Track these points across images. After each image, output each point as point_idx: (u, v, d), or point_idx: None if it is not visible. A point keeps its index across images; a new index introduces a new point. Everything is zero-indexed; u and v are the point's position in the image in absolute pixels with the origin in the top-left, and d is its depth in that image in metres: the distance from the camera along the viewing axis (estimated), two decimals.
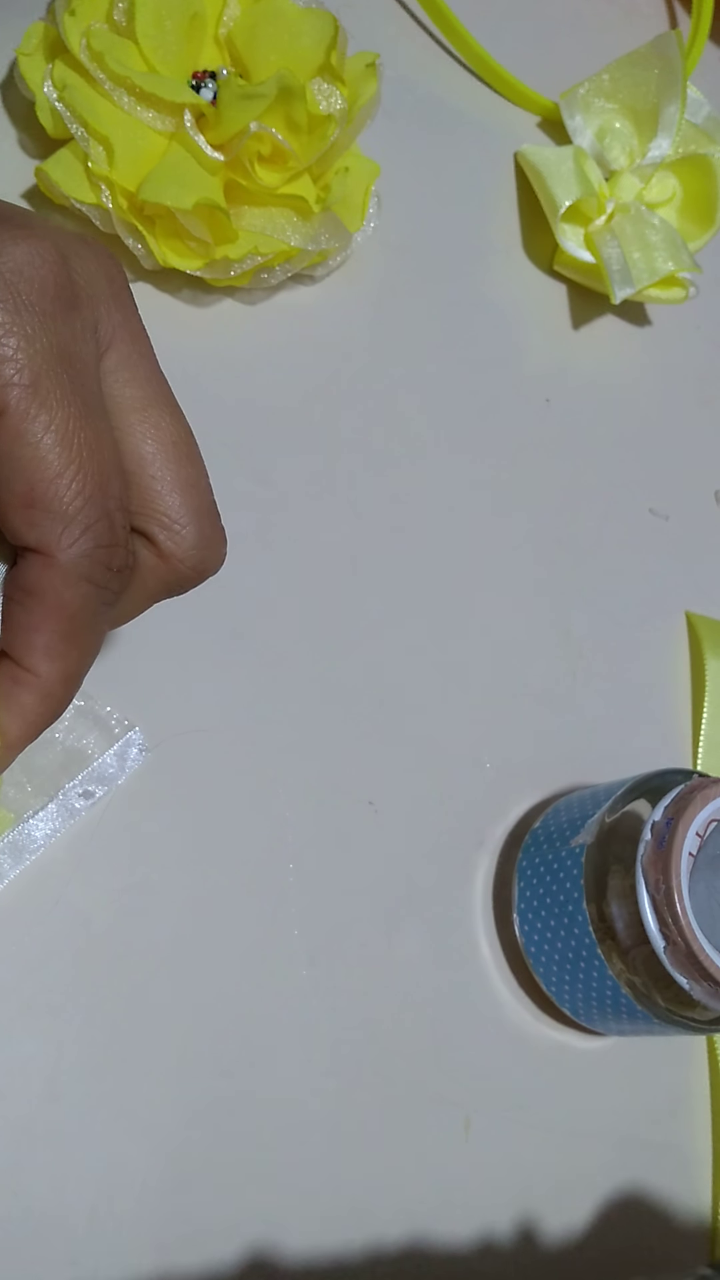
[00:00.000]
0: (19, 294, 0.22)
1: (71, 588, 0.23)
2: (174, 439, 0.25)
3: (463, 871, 0.40)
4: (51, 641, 0.23)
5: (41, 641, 0.23)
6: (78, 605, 0.23)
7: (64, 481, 0.22)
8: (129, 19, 0.38)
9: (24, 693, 0.23)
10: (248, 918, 0.36)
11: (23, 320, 0.22)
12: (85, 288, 0.24)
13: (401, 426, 0.44)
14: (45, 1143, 0.32)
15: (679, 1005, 0.35)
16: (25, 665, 0.23)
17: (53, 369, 0.22)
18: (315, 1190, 0.35)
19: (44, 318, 0.22)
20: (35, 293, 0.22)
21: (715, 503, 0.51)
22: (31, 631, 0.23)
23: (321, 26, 0.40)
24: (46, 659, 0.23)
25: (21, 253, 0.23)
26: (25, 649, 0.23)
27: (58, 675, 0.24)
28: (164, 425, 0.25)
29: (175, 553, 0.25)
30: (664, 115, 0.50)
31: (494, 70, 0.51)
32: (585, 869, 0.36)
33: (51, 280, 0.23)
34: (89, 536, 0.23)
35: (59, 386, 0.22)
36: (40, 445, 0.22)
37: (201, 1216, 0.33)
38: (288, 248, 0.40)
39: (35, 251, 0.23)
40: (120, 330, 0.25)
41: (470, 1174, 0.37)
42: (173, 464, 0.25)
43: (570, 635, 0.45)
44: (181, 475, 0.25)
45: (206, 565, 0.26)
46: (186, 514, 0.25)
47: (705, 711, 0.46)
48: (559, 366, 0.49)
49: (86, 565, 0.23)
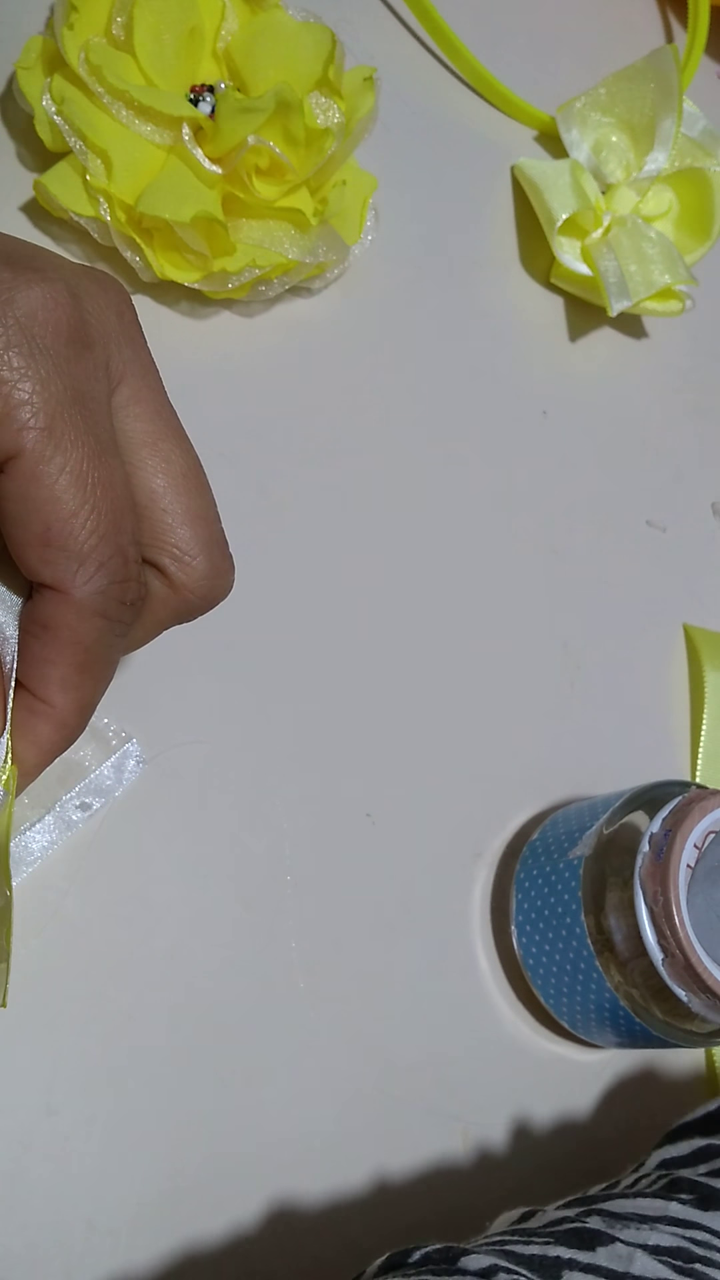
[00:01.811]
0: (34, 339, 0.23)
1: (86, 622, 0.24)
2: (184, 471, 0.26)
3: (460, 883, 0.40)
4: (67, 674, 0.24)
5: (57, 674, 0.24)
6: (92, 639, 0.24)
7: (78, 521, 0.23)
8: (127, 33, 0.38)
9: (40, 723, 0.24)
10: (245, 930, 0.36)
11: (38, 364, 0.23)
12: (97, 326, 0.24)
13: (399, 438, 0.44)
14: (42, 1156, 0.31)
15: (677, 1018, 0.35)
16: (41, 696, 0.24)
17: (67, 411, 0.23)
18: (313, 1203, 0.34)
19: (58, 360, 0.23)
20: (50, 336, 0.23)
21: (712, 515, 0.51)
22: (47, 664, 0.24)
23: (319, 41, 0.40)
24: (62, 690, 0.24)
25: (35, 297, 0.23)
26: (41, 681, 0.24)
27: (72, 706, 0.24)
28: (174, 459, 0.26)
29: (186, 583, 0.26)
30: (660, 129, 0.50)
31: (491, 84, 0.51)
32: (583, 881, 0.36)
33: (65, 323, 0.23)
34: (103, 574, 0.23)
35: (73, 428, 0.23)
36: (56, 486, 0.23)
37: (198, 1230, 0.33)
38: (285, 260, 0.40)
39: (48, 295, 0.23)
40: (130, 365, 0.25)
41: (468, 1186, 0.37)
42: (183, 497, 0.26)
43: (568, 647, 0.45)
44: (192, 508, 0.26)
45: (215, 594, 0.27)
46: (197, 545, 0.26)
47: (704, 723, 0.46)
48: (556, 379, 0.49)
49: (100, 601, 0.24)
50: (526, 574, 0.45)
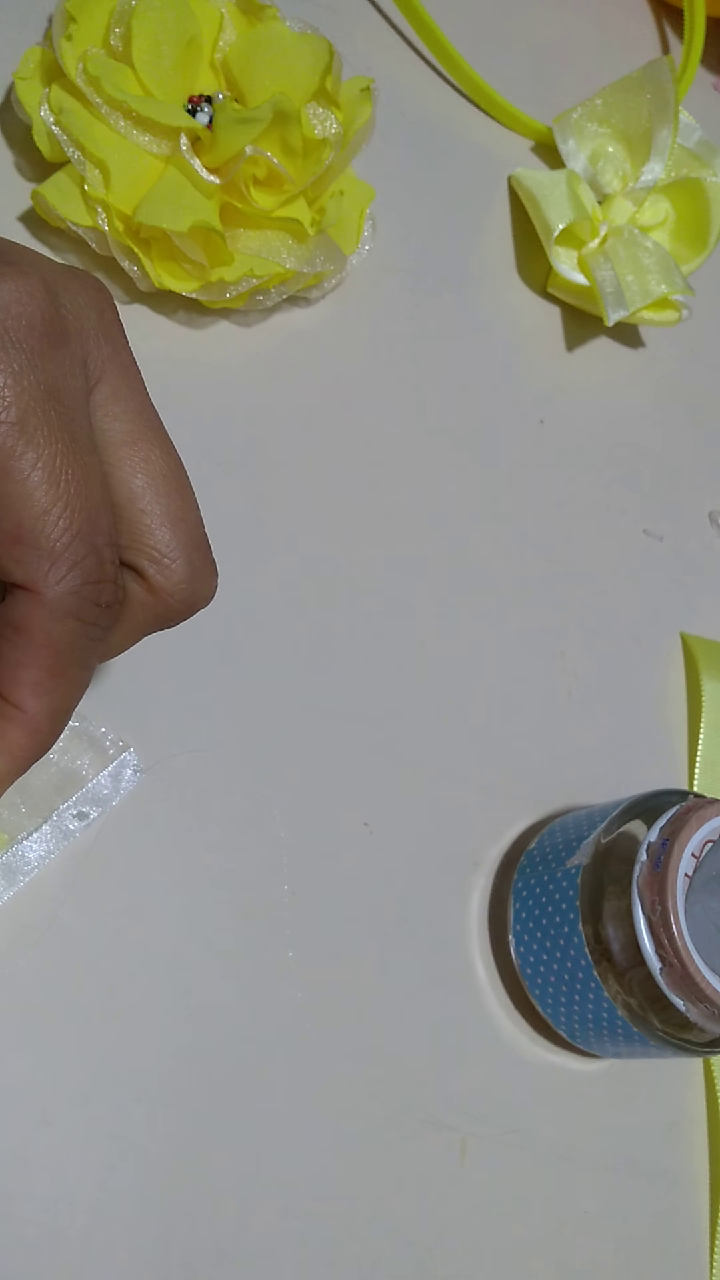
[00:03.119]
0: (5, 331, 0.22)
1: (59, 624, 0.23)
2: (164, 472, 0.25)
3: (458, 893, 0.40)
4: (39, 678, 0.23)
5: (29, 678, 0.23)
6: (65, 642, 0.23)
7: (51, 518, 0.22)
8: (125, 44, 0.38)
9: (11, 728, 0.23)
10: (242, 940, 0.36)
11: (9, 357, 0.22)
12: (74, 322, 0.24)
13: (396, 448, 0.44)
14: (39, 1166, 0.31)
15: (675, 1027, 0.35)
16: (12, 701, 0.23)
17: (39, 405, 0.22)
18: (310, 1213, 0.34)
19: (31, 354, 0.23)
20: (22, 330, 0.23)
21: (710, 524, 0.51)
22: (19, 668, 0.23)
23: (317, 51, 0.40)
24: (34, 695, 0.23)
25: (8, 290, 0.23)
26: (12, 685, 0.23)
27: (45, 711, 0.24)
28: (154, 459, 0.25)
29: (165, 587, 0.25)
30: (656, 139, 0.50)
31: (488, 95, 0.51)
32: (581, 890, 0.36)
33: (39, 316, 0.23)
34: (76, 573, 0.23)
35: (46, 423, 0.22)
36: (27, 482, 0.22)
37: (196, 1241, 0.33)
38: (283, 270, 0.40)
39: (22, 288, 0.23)
40: (110, 364, 0.25)
41: (466, 1197, 0.37)
42: (163, 498, 0.25)
43: (565, 656, 0.45)
44: (171, 509, 0.25)
45: (197, 599, 0.26)
46: (176, 548, 0.25)
47: (701, 732, 0.46)
48: (553, 388, 0.50)
49: (73, 602, 0.23)
50: (524, 583, 0.45)
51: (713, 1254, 0.40)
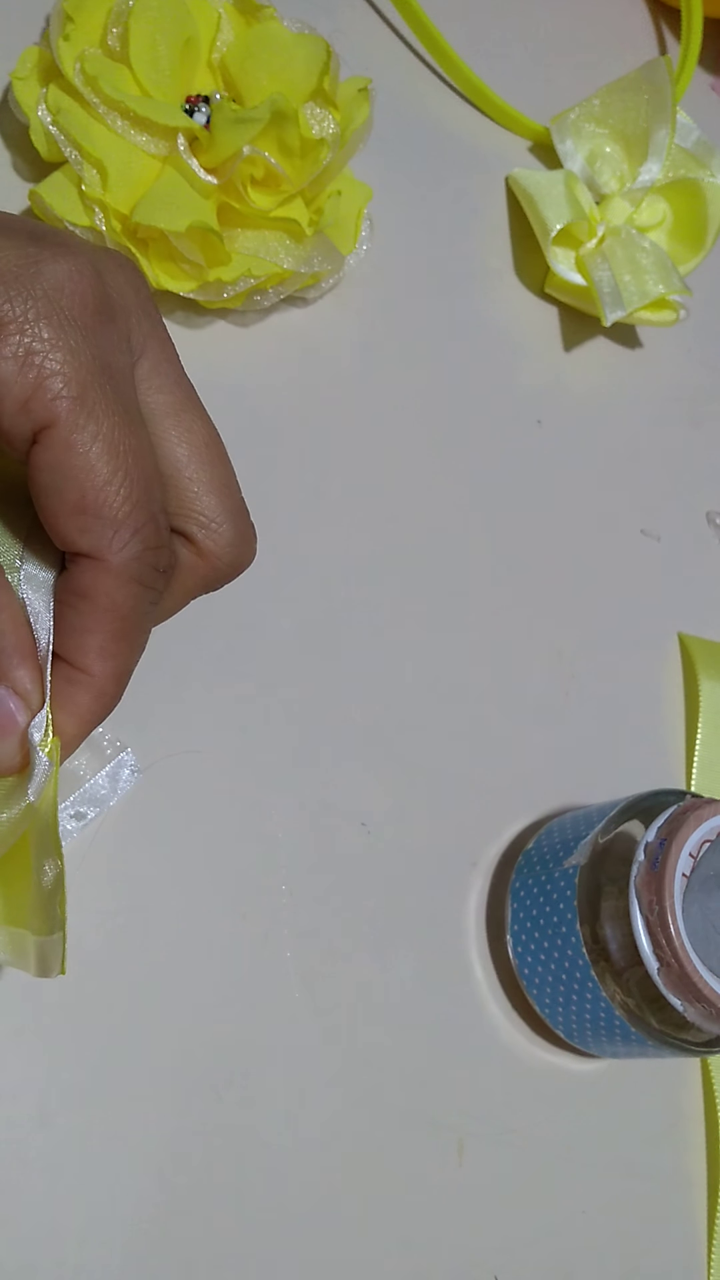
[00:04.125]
0: (61, 310, 0.23)
1: (123, 589, 0.24)
2: (205, 441, 0.27)
3: (456, 893, 0.40)
4: (105, 642, 0.24)
5: (95, 643, 0.24)
6: (129, 606, 0.24)
7: (113, 488, 0.23)
8: (123, 44, 0.38)
9: (79, 692, 0.24)
10: (240, 940, 0.36)
11: (66, 335, 0.23)
12: (118, 299, 0.25)
13: (393, 447, 0.44)
14: (36, 1168, 0.31)
15: (673, 1027, 0.35)
16: (79, 665, 0.24)
17: (96, 380, 0.23)
18: (308, 1213, 0.34)
19: (85, 331, 0.23)
20: (76, 307, 0.23)
21: (707, 524, 0.51)
22: (85, 633, 0.24)
23: (314, 51, 0.40)
24: (100, 659, 0.24)
25: (61, 270, 0.23)
26: (79, 650, 0.24)
27: (110, 673, 0.25)
28: (196, 429, 0.26)
29: (214, 550, 0.27)
30: (654, 140, 0.50)
31: (485, 95, 0.51)
32: (578, 890, 0.36)
33: (90, 295, 0.24)
34: (137, 540, 0.24)
35: (103, 397, 0.23)
36: (89, 454, 0.23)
37: (193, 1242, 0.33)
38: (280, 270, 0.40)
39: (73, 268, 0.24)
40: (150, 339, 0.26)
41: (464, 1197, 0.37)
42: (206, 466, 0.26)
43: (563, 656, 0.45)
44: (215, 476, 0.27)
45: (241, 561, 0.27)
46: (222, 513, 0.27)
47: (699, 732, 0.46)
48: (551, 388, 0.50)
49: (136, 567, 0.24)
50: (521, 583, 0.45)
51: (710, 1254, 0.40)
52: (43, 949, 0.24)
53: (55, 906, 0.24)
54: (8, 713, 0.24)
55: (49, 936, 0.24)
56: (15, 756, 0.24)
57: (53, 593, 0.25)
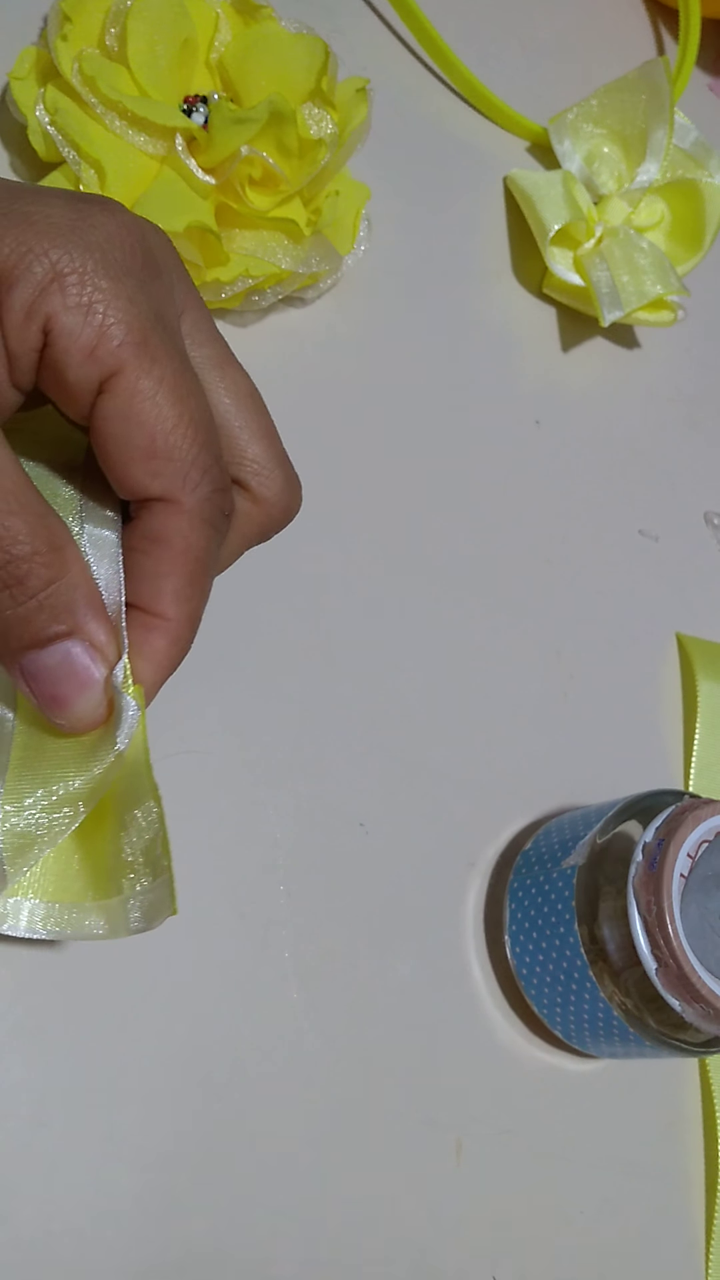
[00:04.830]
0: (115, 261, 0.23)
1: (196, 531, 0.24)
2: (249, 391, 0.27)
3: (454, 893, 0.40)
4: (179, 586, 0.25)
5: (170, 586, 0.25)
6: (201, 547, 0.25)
7: (180, 431, 0.24)
8: (121, 44, 0.38)
9: (156, 638, 0.25)
10: (238, 940, 0.36)
11: (123, 284, 0.23)
12: (161, 256, 0.25)
13: (391, 448, 0.44)
14: (33, 1167, 0.31)
15: (671, 1028, 0.35)
16: (155, 611, 0.25)
17: (155, 328, 0.24)
18: (306, 1214, 0.34)
19: (139, 281, 0.24)
20: (129, 259, 0.24)
21: (705, 524, 0.51)
22: (160, 578, 0.25)
23: (312, 52, 0.40)
24: (176, 602, 0.25)
25: (111, 224, 0.24)
26: (154, 596, 0.25)
27: (185, 617, 0.25)
28: (240, 380, 0.27)
29: (268, 497, 0.27)
30: (652, 140, 0.50)
31: (483, 95, 0.51)
32: (577, 890, 0.36)
33: (139, 248, 0.24)
34: (207, 480, 0.24)
35: (163, 343, 0.24)
36: (157, 398, 0.23)
37: (191, 1242, 0.33)
38: (278, 270, 0.40)
39: (122, 223, 0.24)
40: (189, 296, 0.26)
41: (461, 1197, 0.37)
42: (252, 415, 0.27)
43: (561, 656, 0.45)
44: (261, 425, 0.27)
45: (292, 508, 0.28)
46: (272, 460, 0.27)
47: (697, 733, 0.46)
48: (548, 388, 0.50)
49: (208, 509, 0.24)
50: (519, 583, 0.45)
51: (708, 1254, 0.40)
52: (146, 897, 0.24)
53: (158, 849, 0.24)
54: (84, 666, 0.24)
55: (154, 881, 0.24)
56: (99, 709, 0.24)
57: (119, 545, 0.25)
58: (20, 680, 0.24)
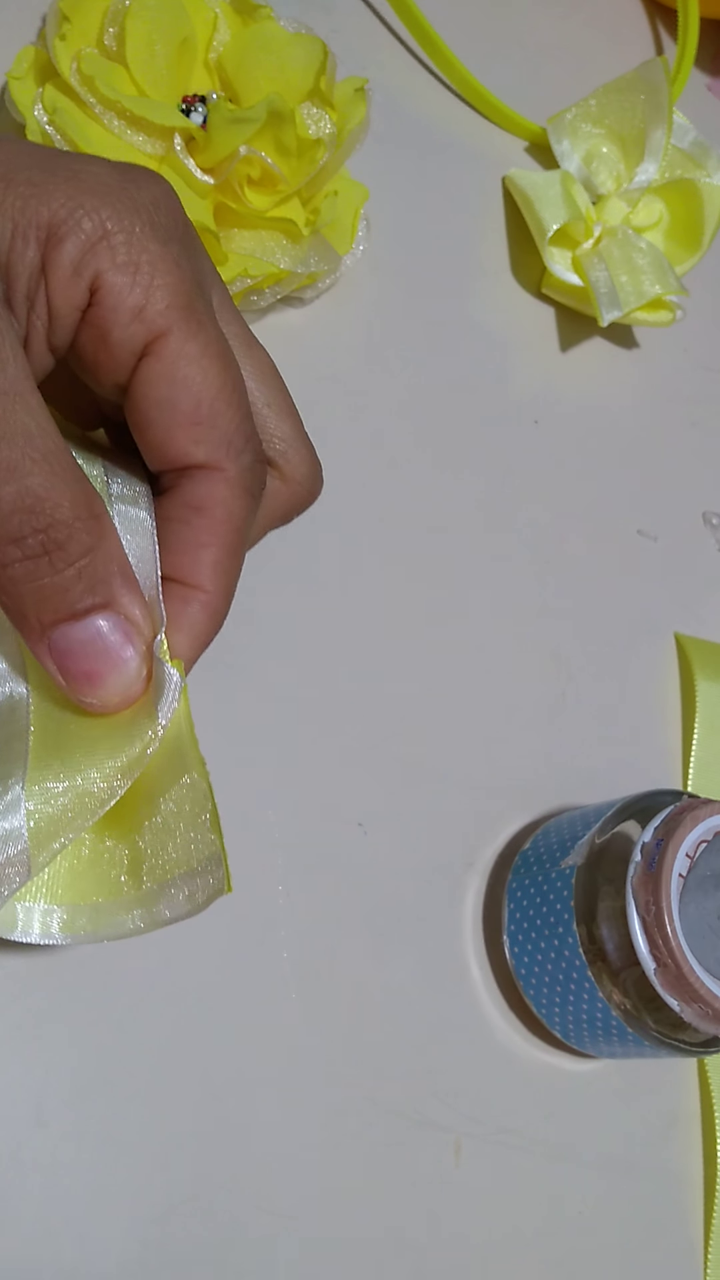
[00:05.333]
0: (161, 225, 0.23)
1: (238, 500, 0.24)
2: (273, 371, 0.27)
3: (452, 893, 0.40)
4: (219, 556, 0.24)
5: (210, 557, 0.24)
6: (241, 518, 0.24)
7: (225, 397, 0.23)
8: (119, 43, 0.38)
9: (194, 610, 0.24)
10: (237, 940, 0.36)
11: (169, 248, 0.23)
12: (194, 231, 0.25)
13: (390, 448, 0.44)
14: (32, 1168, 0.31)
15: (670, 1028, 0.35)
16: (193, 582, 0.24)
17: (198, 294, 0.24)
18: (305, 1214, 0.34)
19: (183, 247, 0.24)
20: (173, 225, 0.24)
21: (703, 524, 0.51)
22: (200, 548, 0.24)
23: (311, 51, 0.40)
24: (214, 574, 0.24)
25: (158, 189, 0.24)
26: (193, 566, 0.24)
27: (223, 589, 0.24)
28: (264, 358, 0.27)
29: (294, 475, 0.27)
30: (650, 140, 0.50)
31: (482, 95, 0.51)
32: (575, 890, 0.36)
33: (181, 215, 0.24)
34: (249, 449, 0.24)
35: (206, 310, 0.24)
36: (202, 362, 0.23)
37: (190, 1242, 0.33)
38: (277, 270, 0.40)
39: (165, 190, 0.24)
40: (213, 274, 0.26)
41: (460, 1198, 0.37)
42: (277, 393, 0.27)
43: (559, 656, 0.45)
44: (287, 403, 0.27)
45: (315, 489, 0.28)
46: (299, 439, 0.27)
47: (695, 733, 0.46)
48: (547, 389, 0.50)
49: (249, 478, 0.24)
50: (518, 583, 0.45)
51: (707, 1253, 0.40)
52: (197, 880, 0.23)
53: (205, 824, 0.23)
54: (119, 641, 0.23)
55: (205, 859, 0.23)
56: (132, 687, 0.24)
57: (153, 519, 0.24)
58: (47, 656, 0.23)
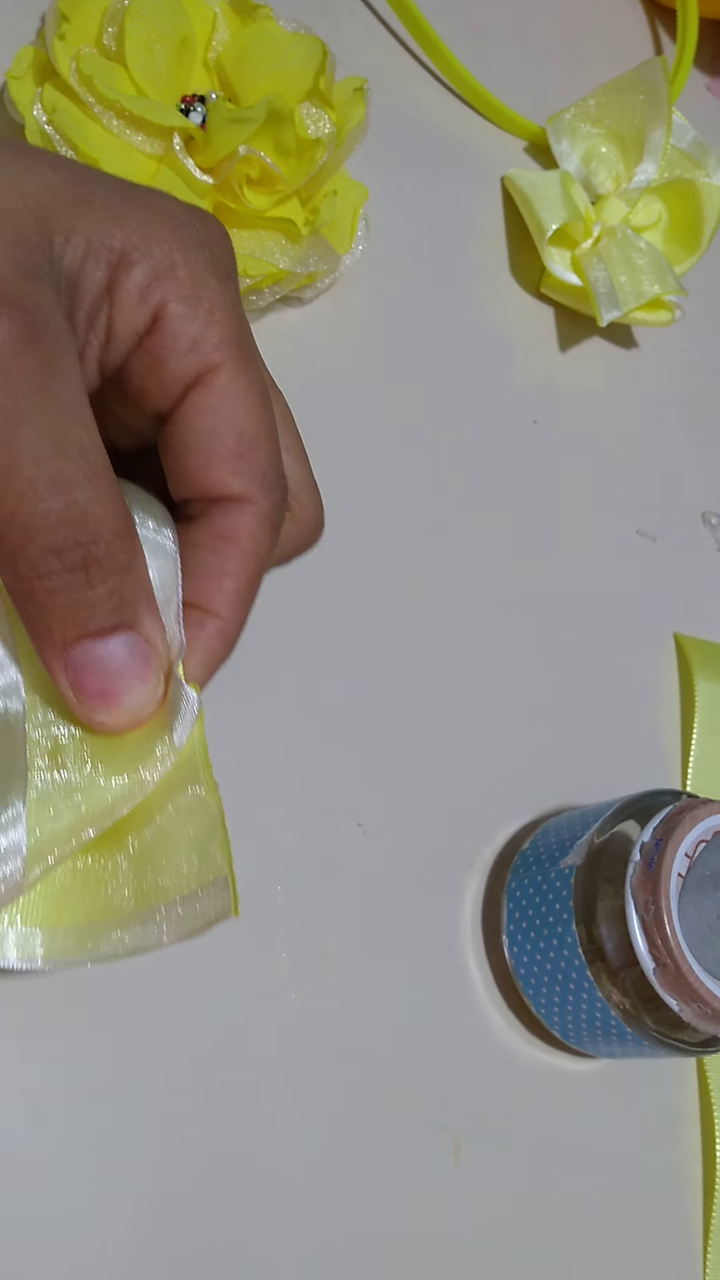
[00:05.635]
0: (219, 262, 0.24)
1: (265, 533, 0.25)
2: (290, 417, 0.28)
3: (451, 893, 0.40)
4: (240, 586, 0.25)
5: (231, 586, 0.25)
6: (265, 551, 0.25)
7: (264, 433, 0.24)
8: (118, 43, 0.38)
9: (209, 636, 0.25)
10: (235, 940, 0.36)
11: (226, 285, 0.24)
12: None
13: (388, 448, 0.44)
14: (30, 1168, 0.31)
15: (669, 1027, 0.35)
16: (211, 609, 0.25)
17: (246, 330, 0.24)
18: (304, 1213, 0.34)
19: (235, 287, 0.24)
20: (228, 263, 0.24)
21: (702, 524, 0.51)
22: (223, 577, 0.25)
23: (310, 51, 0.40)
24: (233, 602, 0.25)
25: (216, 228, 0.25)
26: (214, 593, 0.25)
27: (239, 618, 0.25)
28: (283, 404, 0.27)
29: (304, 518, 0.28)
30: (649, 140, 0.50)
31: (481, 95, 0.51)
32: (574, 890, 0.36)
33: (233, 258, 0.25)
34: (280, 487, 0.25)
35: (252, 348, 0.24)
36: (248, 398, 0.24)
37: (188, 1242, 0.33)
38: (276, 270, 0.40)
39: (222, 230, 0.25)
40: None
41: (459, 1197, 0.37)
42: (294, 439, 0.27)
43: (559, 656, 0.45)
44: (301, 449, 0.28)
45: (319, 532, 0.29)
46: (309, 484, 0.28)
47: (694, 732, 0.46)
48: (546, 388, 0.50)
49: (277, 514, 0.25)
50: (517, 582, 0.45)
51: (706, 1253, 0.40)
52: (198, 902, 0.24)
53: (214, 848, 0.23)
54: (138, 661, 0.23)
55: (211, 882, 0.23)
56: (146, 708, 0.24)
57: (177, 544, 0.25)
58: (61, 671, 0.23)
